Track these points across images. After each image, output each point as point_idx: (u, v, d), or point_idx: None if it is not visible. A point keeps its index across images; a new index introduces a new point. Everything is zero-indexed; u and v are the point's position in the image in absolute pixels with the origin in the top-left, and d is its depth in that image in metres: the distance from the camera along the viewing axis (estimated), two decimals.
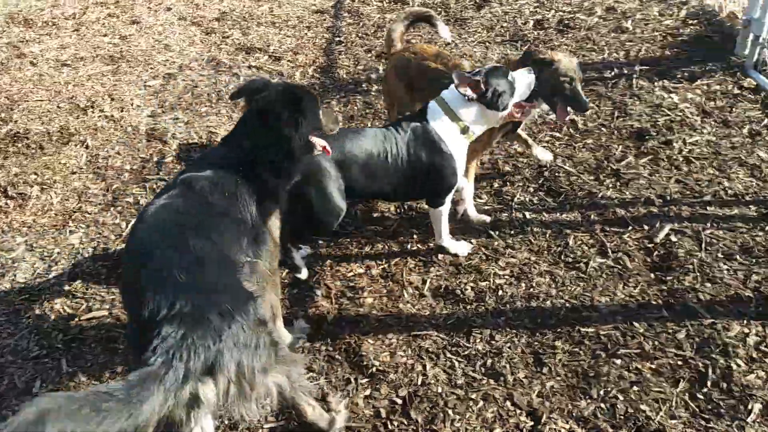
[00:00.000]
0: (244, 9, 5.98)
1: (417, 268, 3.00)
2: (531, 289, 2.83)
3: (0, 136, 4.11)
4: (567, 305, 2.74)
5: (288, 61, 4.98)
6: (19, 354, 2.69)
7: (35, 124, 4.24)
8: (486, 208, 3.34)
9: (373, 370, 2.51)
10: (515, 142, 3.65)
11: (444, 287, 2.87)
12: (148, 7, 6.08)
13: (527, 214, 3.27)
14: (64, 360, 2.65)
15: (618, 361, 2.47)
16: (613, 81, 4.36)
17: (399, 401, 2.39)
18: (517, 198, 3.39)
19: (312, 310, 2.80)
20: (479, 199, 3.40)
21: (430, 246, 3.10)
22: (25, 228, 3.35)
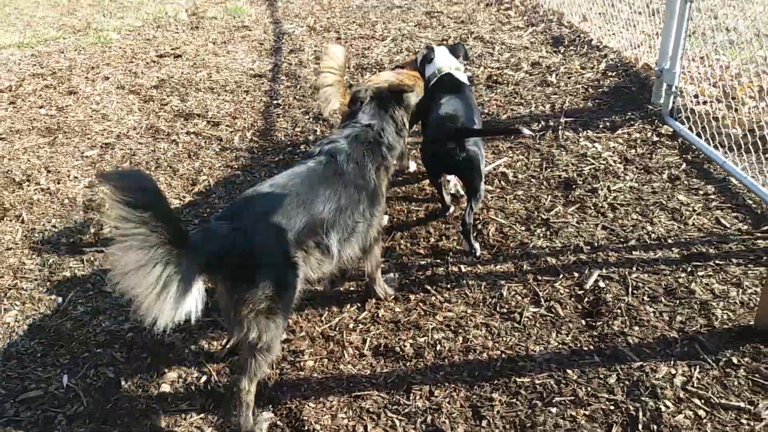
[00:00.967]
0: (182, 76, 6.06)
1: (357, 327, 3.04)
2: (468, 342, 2.89)
3: None
4: (503, 356, 2.81)
5: (226, 126, 5.06)
6: None
7: None
8: (422, 262, 3.42)
9: None
10: None
11: (384, 345, 2.92)
12: (85, 77, 6.11)
13: (463, 267, 3.37)
14: None
15: (553, 410, 2.54)
16: (540, 133, 4.56)
17: None
18: (453, 252, 3.49)
19: None
20: (417, 254, 3.48)
21: (369, 304, 3.15)
22: None
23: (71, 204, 4.12)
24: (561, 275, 3.25)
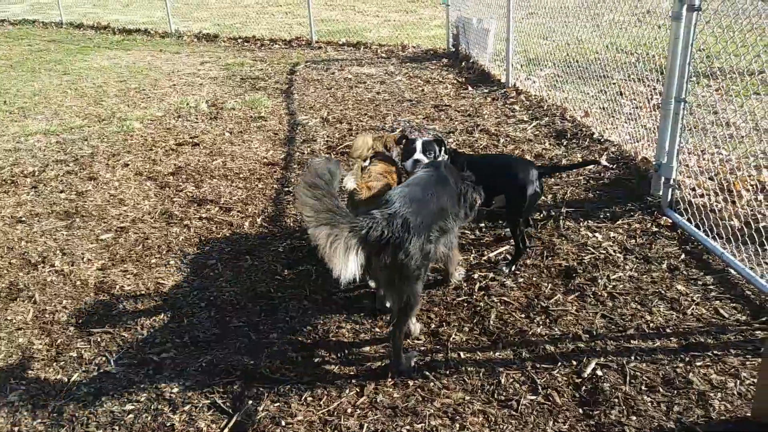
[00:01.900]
0: (198, 163, 6.31)
1: (355, 413, 3.05)
2: (465, 429, 2.89)
3: None
4: None
5: (238, 212, 5.23)
6: None
7: None
8: (423, 348, 3.46)
9: None
10: None
11: (381, 431, 2.92)
12: (106, 164, 6.38)
13: (462, 353, 3.40)
14: None
15: None
16: (542, 222, 4.68)
17: None
18: (453, 338, 3.53)
19: None
20: (417, 340, 3.52)
21: (369, 389, 3.17)
22: None
23: (83, 286, 4.23)
24: (559, 363, 3.27)
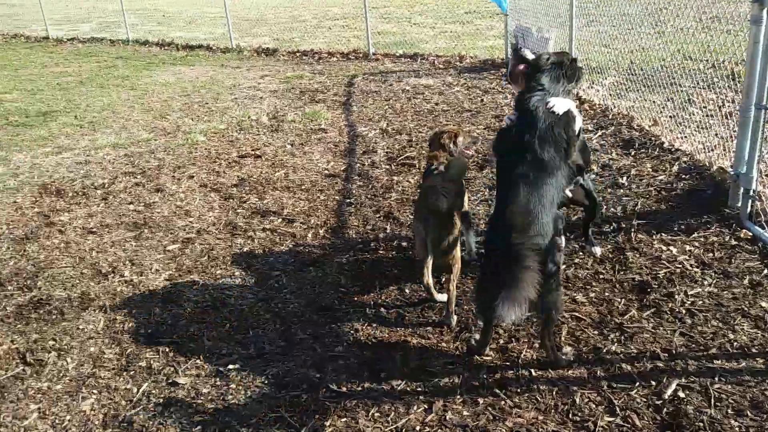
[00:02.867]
0: (261, 175, 6.38)
1: (424, 430, 2.97)
2: None
3: (23, 302, 4.28)
4: None
5: (300, 223, 5.24)
6: None
7: (58, 290, 4.43)
8: (492, 365, 3.36)
9: None
10: None
11: None
12: (172, 176, 6.51)
13: (533, 371, 3.29)
14: None
15: None
16: (613, 235, 4.51)
17: None
18: (523, 355, 3.42)
19: None
20: (486, 356, 3.43)
21: (438, 406, 3.10)
22: (40, 395, 3.41)
23: (151, 296, 4.30)
24: (637, 383, 3.12)
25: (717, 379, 3.09)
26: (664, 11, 9.48)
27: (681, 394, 3.02)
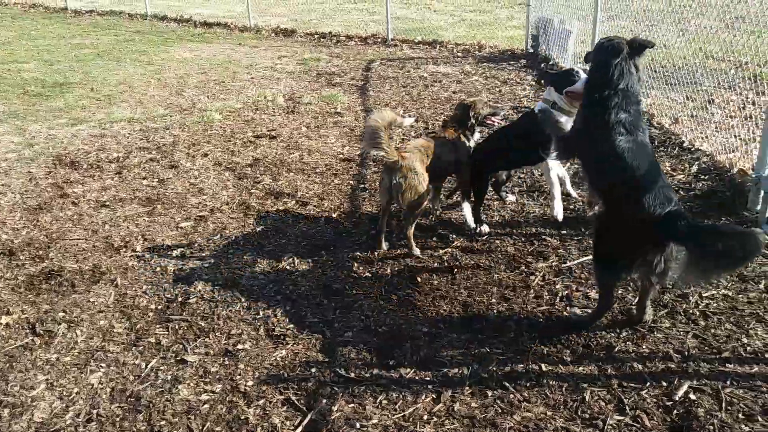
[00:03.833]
0: (276, 156, 6.36)
1: (431, 420, 2.96)
2: None
3: (35, 273, 4.29)
4: None
5: (314, 206, 5.22)
6: None
7: (69, 262, 4.43)
8: (502, 358, 3.34)
9: None
10: None
11: None
12: (187, 153, 6.50)
13: (543, 366, 3.27)
14: None
15: None
16: None
17: None
18: (534, 348, 3.40)
19: None
20: (496, 349, 3.41)
21: (446, 396, 3.08)
22: (48, 366, 3.42)
23: (163, 272, 4.30)
24: (648, 383, 3.09)
25: (729, 383, 3.06)
26: (687, 9, 9.34)
27: (692, 396, 2.99)
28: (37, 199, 5.44)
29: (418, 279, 4.12)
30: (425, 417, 2.98)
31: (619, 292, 3.82)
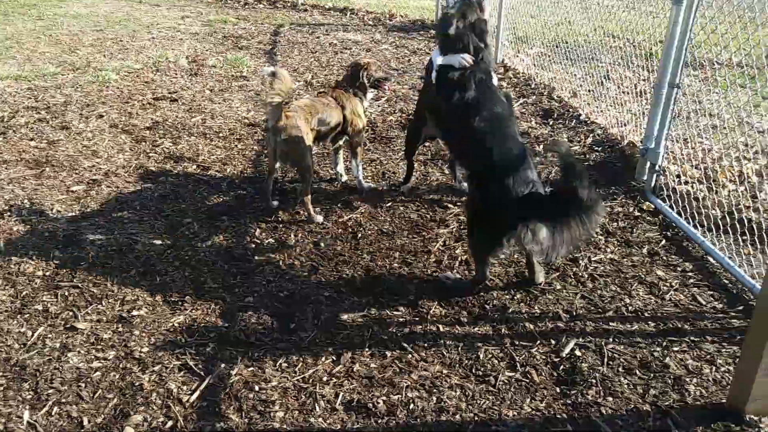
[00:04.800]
0: (176, 119, 6.13)
1: (330, 381, 2.99)
2: (442, 403, 2.86)
3: None
4: (476, 419, 2.77)
5: (216, 171, 5.09)
6: None
7: None
8: (402, 320, 3.41)
9: None
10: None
11: (357, 401, 2.87)
12: (80, 114, 6.15)
13: (441, 326, 3.36)
14: None
15: None
16: None
17: None
18: (432, 311, 3.48)
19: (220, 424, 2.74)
20: (396, 311, 3.47)
21: (346, 358, 3.12)
22: None
23: (51, 238, 4.08)
24: (538, 341, 3.25)
25: (611, 340, 3.26)
26: None
27: (578, 352, 3.17)
28: None
29: (321, 245, 4.11)
30: (325, 378, 3.00)
31: (515, 257, 3.97)
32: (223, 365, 3.06)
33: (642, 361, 3.11)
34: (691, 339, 3.26)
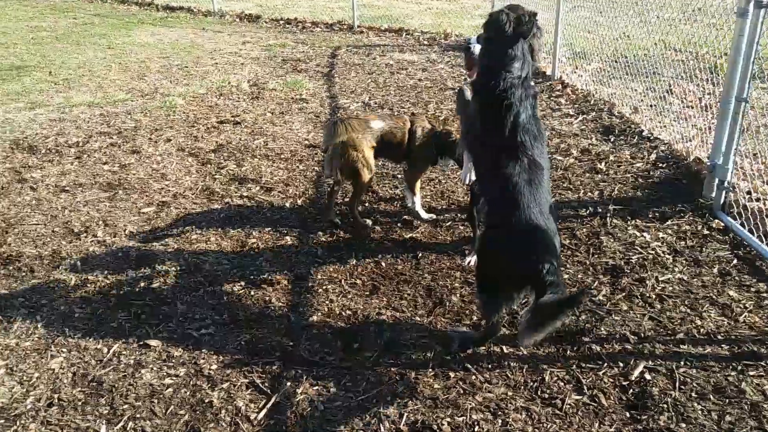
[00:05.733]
0: (240, 142, 6.31)
1: (394, 401, 3.00)
2: (507, 426, 2.83)
3: None
4: None
5: (279, 192, 5.20)
6: None
7: (28, 247, 4.35)
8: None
9: None
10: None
11: (421, 422, 2.87)
12: (149, 138, 6.40)
13: (505, 348, 3.33)
14: None
15: None
16: (588, 219, 4.56)
17: None
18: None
19: None
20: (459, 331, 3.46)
21: (409, 378, 3.12)
22: (8, 351, 3.36)
23: (124, 258, 4.25)
24: (605, 364, 3.18)
25: (683, 364, 3.17)
26: (649, 1, 9.51)
27: (647, 376, 3.09)
28: None
29: (382, 264, 4.15)
30: (389, 398, 3.02)
31: (579, 276, 3.91)
32: (289, 384, 3.11)
33: (716, 386, 3.01)
34: None
